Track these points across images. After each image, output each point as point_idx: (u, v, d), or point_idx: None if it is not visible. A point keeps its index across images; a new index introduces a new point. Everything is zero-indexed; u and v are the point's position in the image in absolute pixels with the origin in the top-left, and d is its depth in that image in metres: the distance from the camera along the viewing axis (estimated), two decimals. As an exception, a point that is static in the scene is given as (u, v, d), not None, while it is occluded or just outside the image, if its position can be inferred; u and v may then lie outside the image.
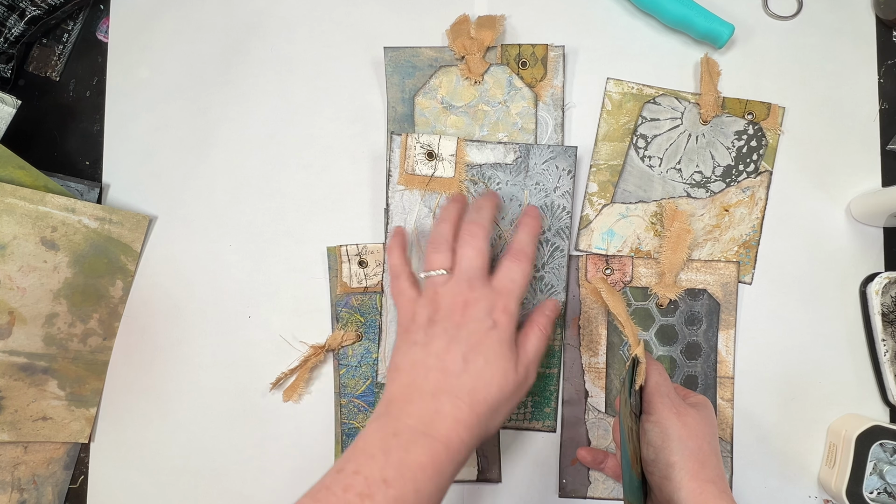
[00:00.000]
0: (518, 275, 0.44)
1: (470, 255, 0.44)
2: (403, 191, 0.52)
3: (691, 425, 0.43)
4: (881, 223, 0.53)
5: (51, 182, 0.52)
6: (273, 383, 0.53)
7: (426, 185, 0.52)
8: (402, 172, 0.52)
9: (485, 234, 0.45)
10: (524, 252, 0.45)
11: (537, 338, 0.45)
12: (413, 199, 0.52)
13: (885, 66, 0.55)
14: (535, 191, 0.52)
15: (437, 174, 0.52)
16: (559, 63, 0.54)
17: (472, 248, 0.44)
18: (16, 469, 0.53)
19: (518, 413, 0.52)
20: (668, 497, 0.41)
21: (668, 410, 0.43)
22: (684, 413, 0.43)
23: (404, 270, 0.47)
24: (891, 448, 0.48)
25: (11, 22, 0.54)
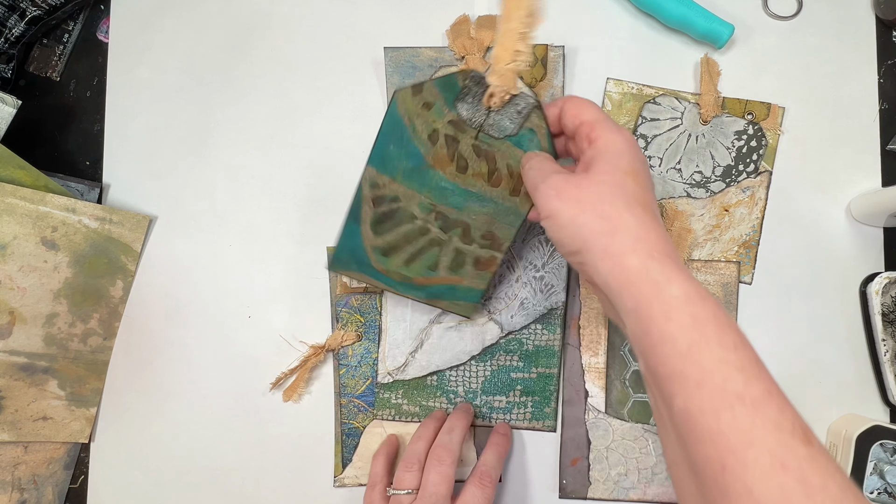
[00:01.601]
0: (481, 500, 0.45)
1: (435, 481, 0.45)
2: None
3: (578, 196, 0.36)
4: (881, 223, 0.53)
5: (51, 182, 0.52)
6: (273, 383, 0.53)
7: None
8: None
9: (452, 460, 0.46)
10: (489, 476, 0.47)
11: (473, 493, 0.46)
12: None
13: (885, 66, 0.55)
14: None
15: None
16: (559, 63, 0.54)
17: (437, 473, 0.45)
18: (16, 469, 0.53)
19: (518, 413, 0.52)
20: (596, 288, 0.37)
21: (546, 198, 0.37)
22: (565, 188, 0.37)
23: (381, 481, 0.49)
24: (891, 448, 0.48)
25: (12, 22, 0.54)
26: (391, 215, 0.47)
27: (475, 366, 0.53)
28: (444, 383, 0.53)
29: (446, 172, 0.45)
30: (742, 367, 0.31)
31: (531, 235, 0.52)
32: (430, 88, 0.43)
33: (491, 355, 0.53)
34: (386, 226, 0.47)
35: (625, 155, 0.37)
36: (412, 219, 0.47)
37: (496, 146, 0.44)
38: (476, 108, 0.43)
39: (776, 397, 0.30)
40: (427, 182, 0.46)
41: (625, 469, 0.52)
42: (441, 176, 0.45)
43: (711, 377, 0.31)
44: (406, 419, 0.53)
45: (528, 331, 0.52)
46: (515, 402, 0.52)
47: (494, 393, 0.53)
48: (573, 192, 0.36)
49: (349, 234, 0.47)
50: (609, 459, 0.52)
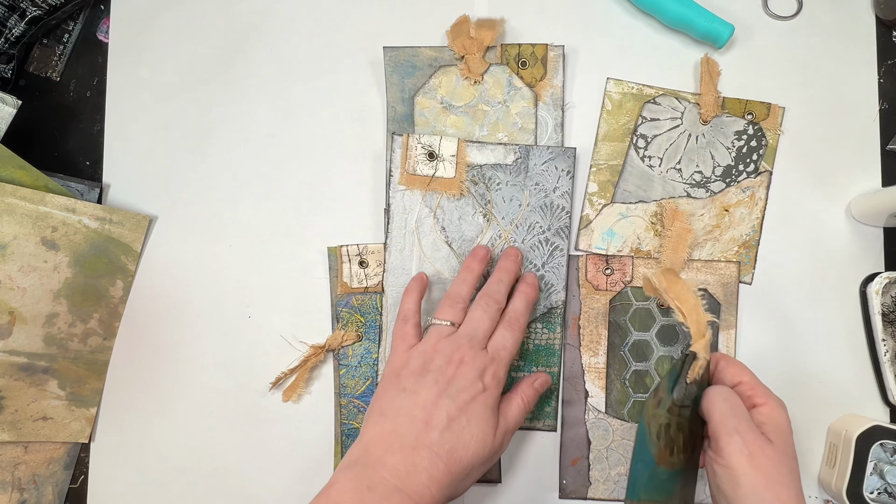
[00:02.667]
0: (510, 342, 0.46)
1: (479, 317, 0.46)
2: (404, 191, 0.52)
3: (767, 469, 0.38)
4: (881, 223, 0.53)
5: (51, 182, 0.52)
6: (273, 383, 0.53)
7: (427, 185, 0.52)
8: (403, 173, 0.52)
9: (498, 308, 0.47)
10: (518, 321, 0.47)
11: (519, 408, 0.46)
12: (414, 199, 0.52)
13: (885, 66, 0.55)
14: (535, 191, 0.52)
15: (438, 174, 0.52)
16: (559, 63, 0.54)
17: (483, 311, 0.46)
18: (16, 469, 0.53)
19: None
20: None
21: (739, 454, 0.38)
22: (758, 454, 0.38)
23: (414, 317, 0.48)
24: (891, 448, 0.48)
25: (12, 22, 0.54)
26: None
27: None
28: None
29: (665, 464, 0.41)
30: None
31: (530, 235, 0.52)
32: (662, 384, 0.42)
33: None
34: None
35: (790, 431, 0.40)
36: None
37: (686, 414, 0.41)
38: (683, 385, 0.41)
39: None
40: (656, 484, 0.42)
41: (625, 469, 0.52)
42: (663, 470, 0.42)
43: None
44: None
45: (528, 329, 0.52)
46: None
47: None
48: (764, 463, 0.38)
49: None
50: (609, 459, 0.52)
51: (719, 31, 0.52)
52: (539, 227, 0.52)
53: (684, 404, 0.41)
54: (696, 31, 0.53)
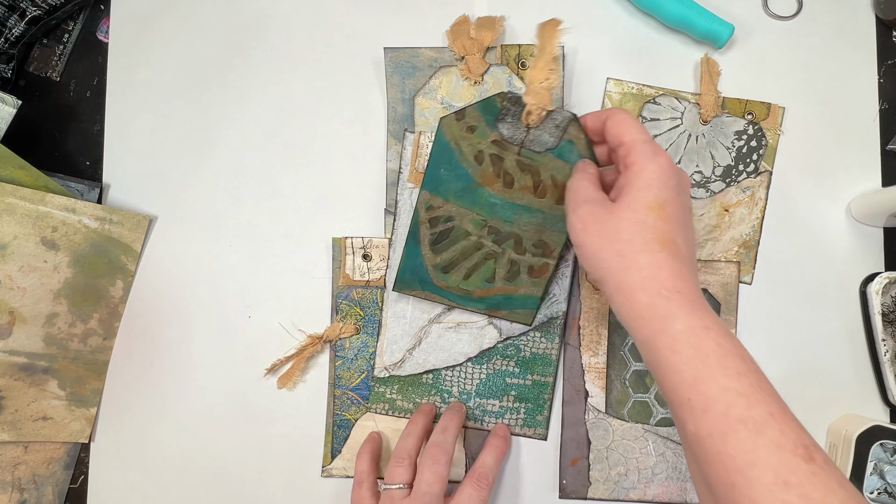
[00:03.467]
0: (476, 502, 0.46)
1: (429, 480, 0.45)
2: (413, 188, 0.53)
3: (604, 232, 0.39)
4: (881, 223, 0.53)
5: (51, 182, 0.52)
6: (268, 369, 0.53)
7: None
8: (413, 170, 0.52)
9: (447, 460, 0.46)
10: (486, 478, 0.47)
11: (468, 494, 0.46)
12: None
13: (885, 66, 0.55)
14: None
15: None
16: (559, 62, 0.54)
17: (432, 472, 0.46)
18: (16, 469, 0.53)
19: (510, 419, 0.53)
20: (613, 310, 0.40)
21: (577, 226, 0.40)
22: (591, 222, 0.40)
23: (368, 479, 0.49)
24: (891, 448, 0.48)
25: (12, 22, 0.54)
26: (447, 234, 0.50)
27: (471, 367, 0.53)
28: (439, 382, 0.53)
29: (494, 189, 0.48)
30: (744, 393, 0.33)
31: None
32: (471, 113, 0.47)
33: (487, 359, 0.53)
34: (443, 244, 0.50)
35: (652, 187, 0.39)
36: (467, 235, 0.49)
37: (539, 160, 0.47)
38: (516, 126, 0.46)
39: (778, 419, 0.33)
40: (477, 200, 0.48)
41: (625, 469, 0.52)
42: (489, 193, 0.48)
43: (715, 404, 0.33)
44: (399, 415, 0.53)
45: (526, 337, 0.52)
46: (508, 407, 0.53)
47: (488, 396, 0.53)
48: (597, 227, 0.39)
49: (410, 255, 0.50)
50: (609, 459, 0.52)
51: (719, 31, 0.52)
52: None
53: (529, 148, 0.46)
54: (696, 31, 0.53)
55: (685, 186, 0.41)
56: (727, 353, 0.35)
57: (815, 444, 0.33)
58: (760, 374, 0.35)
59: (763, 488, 0.31)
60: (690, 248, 0.39)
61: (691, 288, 0.37)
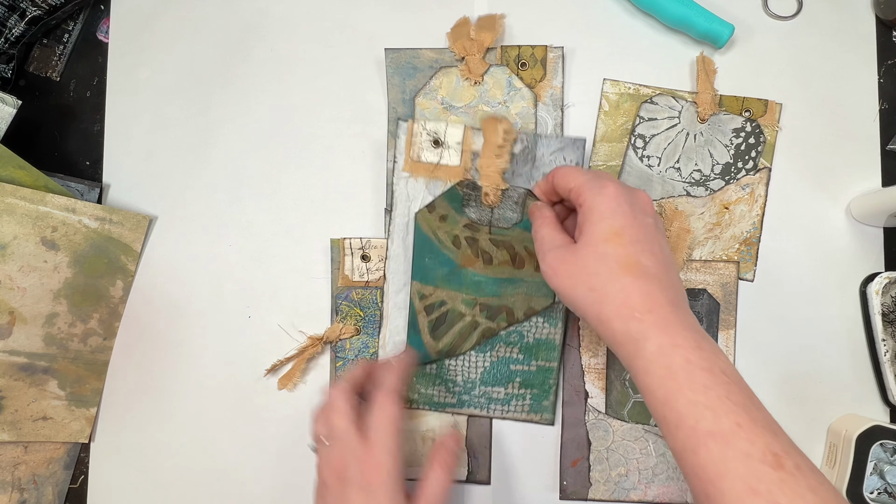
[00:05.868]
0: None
1: None
2: (408, 178, 0.52)
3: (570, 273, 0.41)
4: (881, 223, 0.53)
5: (51, 182, 0.52)
6: (268, 369, 0.53)
7: (431, 172, 0.52)
8: (408, 159, 0.52)
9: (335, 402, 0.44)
10: (393, 391, 0.45)
11: (437, 477, 0.44)
12: (418, 186, 0.52)
13: (885, 66, 0.54)
14: None
15: (443, 162, 0.52)
16: (558, 64, 0.54)
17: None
18: (16, 469, 0.53)
19: (517, 405, 0.52)
20: None
21: (548, 273, 0.42)
22: (559, 266, 0.41)
23: None
24: (891, 448, 0.48)
25: (12, 22, 0.54)
26: (443, 319, 0.52)
27: (475, 356, 0.52)
28: (442, 372, 0.53)
29: (476, 268, 0.51)
30: (711, 406, 0.35)
31: None
32: (440, 203, 0.51)
33: (491, 346, 0.52)
34: (442, 329, 0.52)
35: (604, 219, 0.40)
36: (462, 316, 0.51)
37: (509, 235, 0.51)
38: (480, 208, 0.51)
39: (746, 428, 0.34)
40: (463, 281, 0.51)
41: (625, 470, 0.52)
42: (473, 272, 0.51)
43: (685, 419, 0.35)
44: (405, 405, 0.53)
45: (529, 323, 0.52)
46: (514, 393, 0.52)
47: (493, 384, 0.52)
48: (565, 269, 0.41)
49: (415, 346, 0.52)
50: (609, 460, 0.52)
51: (719, 31, 0.52)
52: None
53: (498, 226, 0.51)
54: (696, 31, 0.53)
55: (643, 206, 0.42)
56: (695, 367, 0.36)
57: (787, 450, 0.34)
58: (730, 385, 0.36)
59: (733, 497, 0.32)
60: (660, 263, 0.40)
61: (663, 305, 0.38)
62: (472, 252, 0.51)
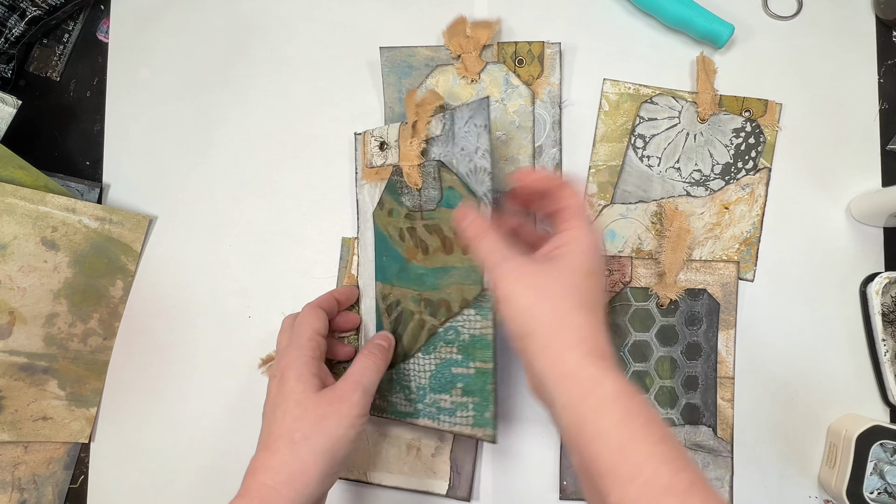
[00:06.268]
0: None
1: None
2: (366, 185, 0.52)
3: (540, 285, 0.38)
4: (881, 223, 0.53)
5: (51, 182, 0.52)
6: (263, 360, 0.53)
7: (379, 174, 0.51)
8: (364, 168, 0.52)
9: None
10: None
11: (363, 361, 0.45)
12: (375, 192, 0.52)
13: (885, 66, 0.54)
14: (462, 157, 0.46)
15: (389, 162, 0.51)
16: (556, 60, 0.54)
17: None
18: (16, 469, 0.53)
19: (462, 416, 0.47)
20: (532, 371, 0.39)
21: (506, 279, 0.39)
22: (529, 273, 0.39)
23: None
24: (891, 448, 0.48)
25: (12, 22, 0.54)
26: (400, 319, 0.50)
27: (423, 359, 0.49)
28: (400, 377, 0.50)
29: (418, 260, 0.49)
30: (668, 460, 0.33)
31: None
32: (386, 198, 0.50)
33: (434, 347, 0.48)
34: (399, 330, 0.50)
35: (589, 255, 0.40)
36: (412, 315, 0.49)
37: (437, 217, 0.48)
38: (412, 194, 0.49)
39: (699, 487, 0.32)
40: (410, 276, 0.49)
41: (624, 469, 0.52)
42: (416, 265, 0.49)
43: (641, 471, 0.33)
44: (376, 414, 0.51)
45: (462, 317, 0.47)
46: (458, 402, 0.47)
47: (439, 391, 0.48)
48: (535, 280, 0.38)
49: None
50: (609, 459, 0.52)
51: (719, 31, 0.52)
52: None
53: (427, 209, 0.48)
54: (696, 31, 0.53)
55: (603, 265, 0.42)
56: (650, 418, 0.34)
57: None
58: (676, 440, 0.34)
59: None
60: (604, 321, 0.39)
61: (613, 356, 0.37)
62: (413, 243, 0.49)
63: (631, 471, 0.33)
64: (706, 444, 0.51)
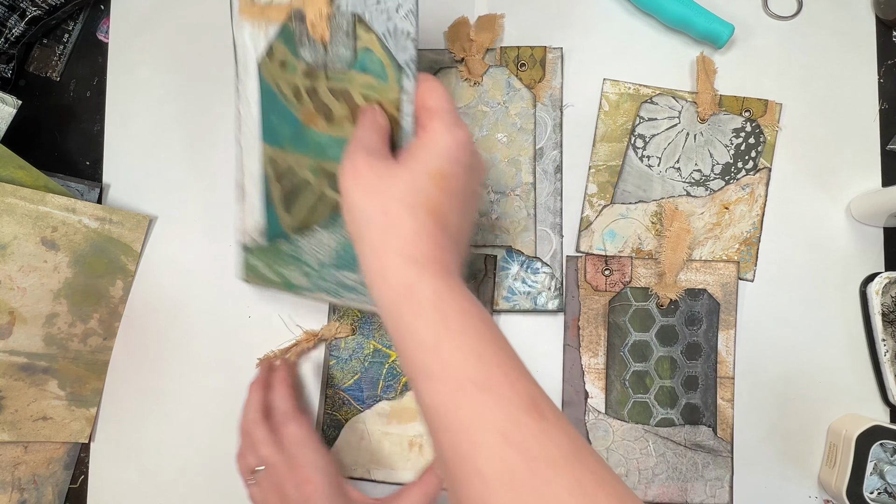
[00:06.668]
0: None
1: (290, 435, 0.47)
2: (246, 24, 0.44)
3: (375, 185, 0.36)
4: (881, 223, 0.53)
5: (51, 182, 0.52)
6: (261, 359, 0.53)
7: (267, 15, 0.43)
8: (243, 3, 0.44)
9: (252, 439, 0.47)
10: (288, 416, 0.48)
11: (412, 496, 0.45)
12: (258, 34, 0.44)
13: (885, 66, 0.54)
14: (377, 12, 0.40)
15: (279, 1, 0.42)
16: (557, 64, 0.54)
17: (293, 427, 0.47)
18: (16, 469, 0.53)
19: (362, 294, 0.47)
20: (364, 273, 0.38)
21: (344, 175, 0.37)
22: (366, 170, 0.37)
23: None
24: (891, 448, 0.48)
25: (12, 22, 0.54)
26: (295, 190, 0.46)
27: (326, 235, 0.46)
28: (297, 251, 0.48)
29: (319, 127, 0.43)
30: (480, 353, 0.32)
31: None
32: (277, 46, 0.43)
33: (340, 224, 0.46)
34: (293, 201, 0.46)
35: (441, 156, 0.37)
36: (308, 186, 0.45)
37: (346, 80, 0.42)
38: (315, 48, 0.42)
39: (512, 376, 0.32)
40: (308, 143, 0.44)
41: (625, 470, 0.52)
42: (315, 132, 0.44)
43: (450, 366, 0.32)
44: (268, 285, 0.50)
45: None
46: (363, 280, 0.45)
47: (343, 267, 0.46)
48: (369, 179, 0.37)
49: (270, 220, 0.47)
50: (609, 460, 0.52)
51: (719, 31, 0.52)
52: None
53: (334, 69, 0.41)
54: (696, 31, 0.53)
55: (478, 172, 0.40)
56: (471, 316, 0.34)
57: (546, 400, 0.32)
58: (502, 340, 0.34)
59: (486, 449, 0.30)
60: (461, 231, 0.38)
61: (450, 262, 0.36)
62: (313, 106, 0.43)
63: (440, 366, 0.32)
64: (706, 444, 0.51)
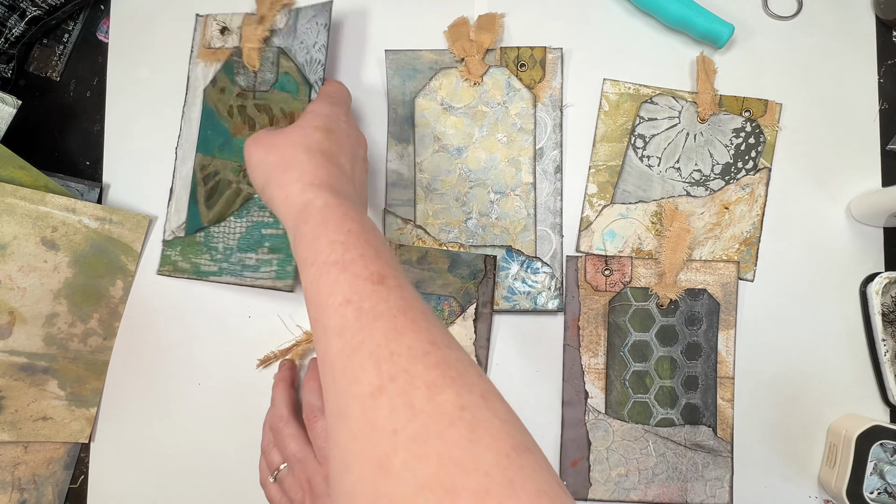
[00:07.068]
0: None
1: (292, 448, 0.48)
2: (200, 63, 0.56)
3: (272, 142, 0.43)
4: (881, 223, 0.53)
5: (51, 182, 0.52)
6: (261, 360, 0.53)
7: (216, 55, 0.56)
8: (201, 49, 0.56)
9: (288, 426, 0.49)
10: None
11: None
12: (208, 70, 0.55)
13: (885, 66, 0.54)
14: (300, 49, 0.53)
15: (227, 46, 0.55)
16: (557, 65, 0.54)
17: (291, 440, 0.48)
18: (16, 469, 0.53)
19: (265, 272, 0.53)
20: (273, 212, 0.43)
21: (247, 144, 0.44)
22: (264, 137, 0.44)
23: None
24: (891, 448, 0.48)
25: (12, 22, 0.54)
26: (216, 188, 0.54)
27: (234, 222, 0.53)
28: (208, 240, 0.54)
29: (244, 135, 0.54)
30: (345, 243, 0.36)
31: None
32: (220, 76, 0.55)
33: (247, 211, 0.53)
34: (214, 198, 0.54)
35: (325, 118, 0.44)
36: (229, 184, 0.54)
37: (269, 98, 0.53)
38: (248, 75, 0.54)
39: (367, 258, 0.35)
40: (234, 149, 0.54)
41: (625, 470, 0.52)
42: (241, 140, 0.53)
43: (320, 253, 0.36)
44: (181, 275, 0.54)
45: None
46: (263, 259, 0.53)
47: (246, 249, 0.53)
48: (266, 140, 0.44)
49: (192, 215, 0.54)
50: (609, 460, 0.52)
51: (719, 31, 0.52)
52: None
53: (261, 90, 0.54)
54: (696, 31, 0.53)
55: (360, 141, 0.47)
56: (349, 219, 0.38)
57: (396, 275, 0.35)
58: (372, 237, 0.37)
59: (330, 310, 0.33)
60: (356, 176, 0.44)
61: (344, 192, 0.41)
62: (241, 120, 0.54)
63: (314, 257, 0.36)
64: (706, 444, 0.51)
